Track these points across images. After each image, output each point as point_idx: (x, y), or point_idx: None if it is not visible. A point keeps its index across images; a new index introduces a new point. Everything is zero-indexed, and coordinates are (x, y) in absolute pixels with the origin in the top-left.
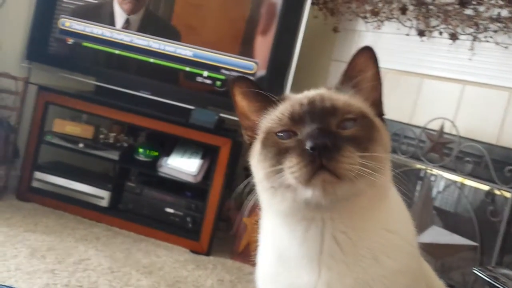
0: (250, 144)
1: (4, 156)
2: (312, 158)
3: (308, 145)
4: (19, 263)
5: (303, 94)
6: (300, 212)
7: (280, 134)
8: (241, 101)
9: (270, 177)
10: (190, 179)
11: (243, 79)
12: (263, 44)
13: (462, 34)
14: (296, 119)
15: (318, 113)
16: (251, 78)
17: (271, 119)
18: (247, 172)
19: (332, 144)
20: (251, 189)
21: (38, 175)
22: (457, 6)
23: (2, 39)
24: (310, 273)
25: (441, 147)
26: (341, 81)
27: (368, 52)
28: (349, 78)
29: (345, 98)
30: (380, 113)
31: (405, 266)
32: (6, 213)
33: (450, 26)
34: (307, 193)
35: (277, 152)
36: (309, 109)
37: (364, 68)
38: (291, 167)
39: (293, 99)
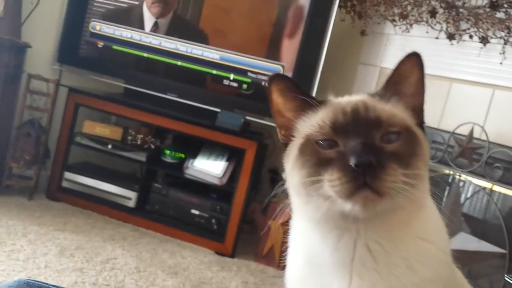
0: (284, 144)
1: (36, 157)
2: (356, 175)
3: (352, 161)
4: (48, 261)
5: (345, 99)
6: (334, 221)
7: (320, 142)
8: (277, 98)
9: (307, 186)
10: (215, 181)
11: (282, 77)
12: (290, 47)
13: (493, 38)
14: (338, 128)
15: (362, 124)
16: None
17: (311, 124)
18: (272, 175)
19: (376, 161)
20: (276, 193)
21: (68, 175)
22: (488, 9)
23: (35, 42)
24: (341, 281)
25: (470, 152)
26: (384, 87)
27: (414, 58)
28: (393, 85)
29: (389, 108)
30: (420, 121)
31: (438, 274)
32: (37, 212)
33: (480, 30)
34: (346, 206)
35: (317, 161)
36: (353, 119)
37: (409, 75)
38: (332, 181)
39: (335, 105)
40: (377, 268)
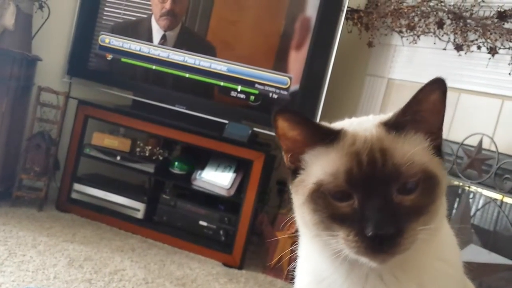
0: (292, 170)
1: (45, 168)
2: (373, 243)
3: (369, 231)
4: (57, 272)
5: (359, 137)
6: (347, 259)
7: (334, 194)
8: (282, 123)
9: (320, 234)
10: (223, 193)
11: (288, 111)
12: (297, 59)
13: (501, 48)
14: (353, 181)
15: (379, 178)
16: (298, 111)
17: (323, 168)
18: (280, 186)
19: (396, 230)
20: (283, 204)
21: (77, 186)
22: (496, 20)
23: (45, 55)
24: None
25: (479, 163)
26: (403, 113)
27: (438, 86)
28: (414, 112)
29: (407, 152)
30: (438, 144)
31: None
32: (46, 223)
33: (489, 40)
34: (362, 260)
35: (330, 215)
36: (369, 172)
37: (432, 102)
38: (348, 241)
39: (349, 144)
40: None
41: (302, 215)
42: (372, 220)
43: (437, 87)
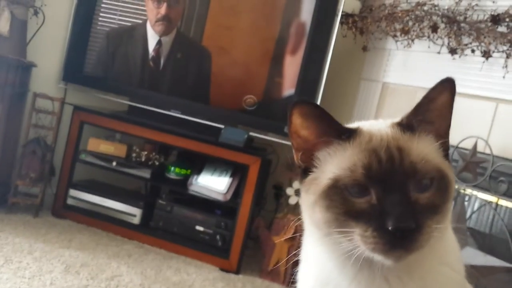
0: (302, 169)
1: (41, 174)
2: (392, 238)
3: (390, 225)
4: (54, 278)
5: (376, 135)
6: (356, 259)
7: (351, 188)
8: (296, 119)
9: (331, 233)
10: (219, 197)
11: (307, 103)
12: (292, 64)
13: (495, 52)
14: (372, 177)
15: (397, 175)
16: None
17: (339, 165)
18: (276, 191)
19: (415, 225)
20: (279, 208)
21: (73, 192)
22: (489, 24)
23: (40, 61)
24: None
25: (474, 166)
26: (413, 114)
27: (448, 85)
28: (424, 112)
29: (421, 150)
30: (446, 147)
31: None
32: (42, 229)
33: (483, 44)
34: (377, 258)
35: (346, 211)
36: (388, 169)
37: (441, 102)
38: (365, 237)
39: (366, 142)
40: None
41: (312, 214)
42: (393, 214)
43: (447, 85)
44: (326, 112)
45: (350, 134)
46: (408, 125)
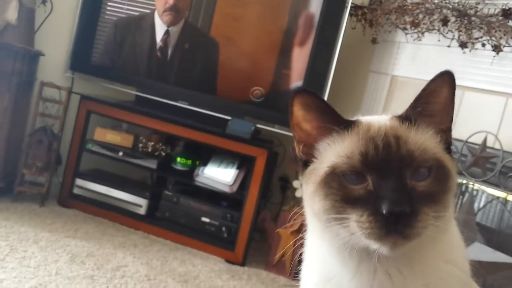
0: (303, 161)
1: (47, 163)
2: (387, 222)
3: (385, 209)
4: (59, 267)
5: (375, 124)
6: (356, 250)
7: (348, 175)
8: (298, 111)
9: (331, 219)
10: (226, 189)
11: (307, 92)
12: (300, 56)
13: (506, 46)
14: (368, 163)
15: (393, 161)
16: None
17: (337, 153)
18: (283, 183)
19: (410, 210)
20: (286, 201)
21: (79, 182)
22: (500, 18)
23: (48, 50)
24: None
25: (483, 161)
26: (413, 107)
27: (446, 77)
28: (423, 104)
29: (420, 140)
30: (448, 142)
31: None
32: (48, 219)
33: (493, 38)
34: (373, 245)
35: (343, 197)
36: (385, 156)
37: (441, 95)
38: (361, 222)
39: (364, 132)
40: None
41: (313, 204)
42: (388, 198)
43: (445, 78)
44: (327, 103)
45: (349, 125)
46: (407, 116)
